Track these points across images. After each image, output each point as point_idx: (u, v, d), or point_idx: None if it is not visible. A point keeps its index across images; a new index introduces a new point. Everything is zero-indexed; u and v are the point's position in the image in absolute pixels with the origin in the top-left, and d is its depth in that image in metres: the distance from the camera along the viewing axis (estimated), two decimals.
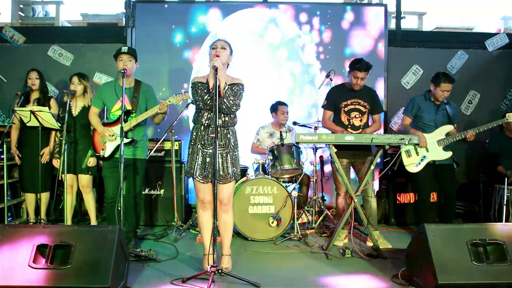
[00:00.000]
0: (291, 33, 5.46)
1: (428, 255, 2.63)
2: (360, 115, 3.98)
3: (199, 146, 3.12)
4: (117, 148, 3.59)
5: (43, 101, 4.17)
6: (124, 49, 3.60)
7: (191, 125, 3.24)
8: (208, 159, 3.10)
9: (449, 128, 4.00)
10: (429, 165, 3.94)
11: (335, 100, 4.02)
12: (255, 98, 5.11)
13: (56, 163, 4.10)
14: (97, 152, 3.69)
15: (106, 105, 3.69)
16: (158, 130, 5.19)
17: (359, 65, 3.83)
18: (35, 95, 4.20)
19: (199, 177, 3.12)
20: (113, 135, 3.57)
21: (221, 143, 3.10)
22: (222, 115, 3.09)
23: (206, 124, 3.10)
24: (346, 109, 3.99)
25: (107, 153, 3.63)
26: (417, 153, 3.95)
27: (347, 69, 4.02)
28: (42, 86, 4.24)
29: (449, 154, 3.97)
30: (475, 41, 5.63)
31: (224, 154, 3.12)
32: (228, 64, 3.19)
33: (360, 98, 3.97)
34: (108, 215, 3.74)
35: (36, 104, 4.12)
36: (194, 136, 3.16)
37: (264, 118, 5.05)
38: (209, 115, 3.09)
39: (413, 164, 3.95)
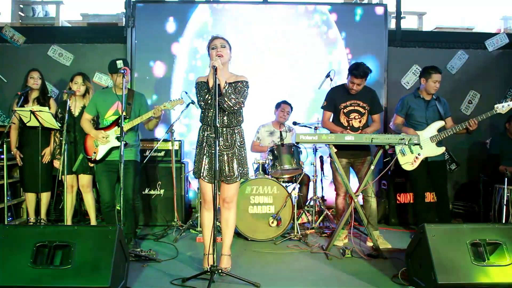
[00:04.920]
0: (298, 31, 5.47)
1: (428, 255, 2.63)
2: (360, 116, 3.98)
3: (205, 146, 3.10)
4: (109, 151, 3.62)
5: (43, 101, 4.18)
6: (119, 63, 3.54)
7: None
8: None
9: (440, 124, 4.02)
10: (422, 162, 3.98)
11: (335, 101, 4.02)
12: (258, 97, 5.11)
13: (56, 164, 4.10)
14: (89, 155, 3.69)
15: (99, 112, 3.70)
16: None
17: (356, 71, 3.80)
18: (34, 95, 4.21)
19: (207, 177, 3.09)
20: (106, 137, 3.58)
21: (227, 143, 3.09)
22: (226, 114, 3.08)
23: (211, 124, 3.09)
24: (345, 110, 3.98)
25: (98, 156, 3.63)
26: (411, 151, 3.97)
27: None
28: (43, 86, 4.26)
29: (442, 149, 4.00)
30: (475, 41, 5.62)
31: (230, 154, 3.10)
32: (229, 61, 3.16)
33: (359, 100, 3.96)
34: (107, 221, 3.73)
35: (36, 103, 4.13)
36: (201, 136, 3.14)
37: (266, 117, 5.05)
38: (212, 114, 3.08)
39: (408, 162, 3.98)
